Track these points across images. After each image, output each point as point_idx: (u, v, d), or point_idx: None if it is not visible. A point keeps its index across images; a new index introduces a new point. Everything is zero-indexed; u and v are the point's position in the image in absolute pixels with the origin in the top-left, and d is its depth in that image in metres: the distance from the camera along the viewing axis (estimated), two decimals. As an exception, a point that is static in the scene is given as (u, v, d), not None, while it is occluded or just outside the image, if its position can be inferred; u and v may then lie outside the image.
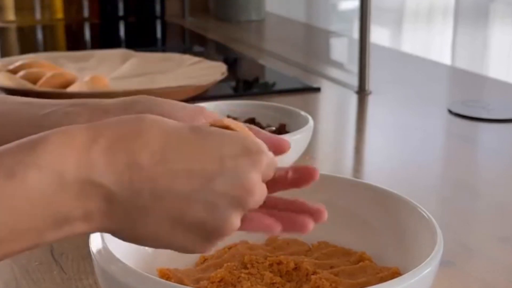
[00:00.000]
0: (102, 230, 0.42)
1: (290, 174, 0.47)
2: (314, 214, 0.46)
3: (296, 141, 0.82)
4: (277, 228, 0.45)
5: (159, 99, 0.51)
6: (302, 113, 0.88)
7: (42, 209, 0.39)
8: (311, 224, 0.45)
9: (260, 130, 0.49)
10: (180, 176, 0.41)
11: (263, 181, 0.44)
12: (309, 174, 0.46)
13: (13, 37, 1.92)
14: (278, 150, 0.48)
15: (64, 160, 0.40)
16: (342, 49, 1.86)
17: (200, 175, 0.41)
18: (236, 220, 0.43)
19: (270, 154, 0.44)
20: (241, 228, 0.44)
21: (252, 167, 0.42)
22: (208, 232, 0.42)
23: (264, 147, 0.44)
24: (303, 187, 0.46)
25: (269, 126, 0.87)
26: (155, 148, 0.41)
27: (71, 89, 1.16)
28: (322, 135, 1.08)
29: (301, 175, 0.46)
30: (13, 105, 0.53)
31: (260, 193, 0.43)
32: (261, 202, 0.44)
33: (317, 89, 1.32)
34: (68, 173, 0.39)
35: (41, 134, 0.41)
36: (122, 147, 0.41)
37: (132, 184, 0.41)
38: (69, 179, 0.40)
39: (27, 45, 1.84)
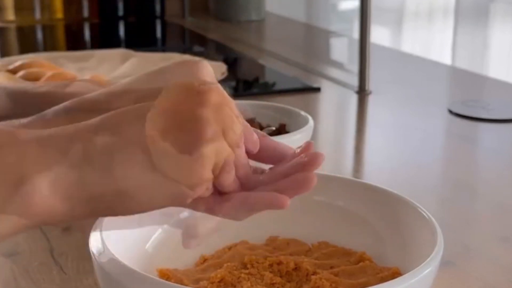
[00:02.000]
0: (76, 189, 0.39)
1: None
2: (311, 163, 0.45)
3: (296, 141, 0.82)
4: (283, 201, 0.42)
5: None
6: (302, 113, 0.88)
7: None
8: (314, 178, 0.44)
9: (264, 134, 0.49)
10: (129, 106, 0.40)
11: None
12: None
13: (13, 37, 1.91)
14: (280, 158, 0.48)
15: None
16: (342, 49, 1.86)
17: (147, 93, 0.41)
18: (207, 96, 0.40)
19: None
20: (246, 207, 0.43)
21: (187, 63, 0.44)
22: (185, 131, 0.39)
23: None
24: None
25: (269, 126, 0.87)
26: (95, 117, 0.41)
27: (71, 89, 1.16)
28: (322, 135, 1.08)
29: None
30: None
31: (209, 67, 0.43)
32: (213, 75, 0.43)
33: (317, 89, 1.32)
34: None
35: None
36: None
37: (79, 126, 0.39)
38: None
39: (27, 45, 1.83)
